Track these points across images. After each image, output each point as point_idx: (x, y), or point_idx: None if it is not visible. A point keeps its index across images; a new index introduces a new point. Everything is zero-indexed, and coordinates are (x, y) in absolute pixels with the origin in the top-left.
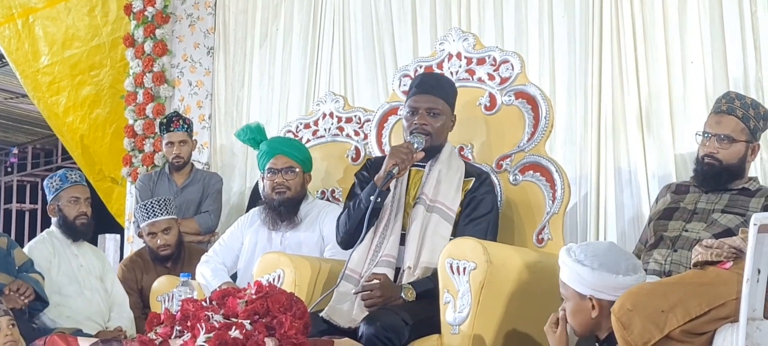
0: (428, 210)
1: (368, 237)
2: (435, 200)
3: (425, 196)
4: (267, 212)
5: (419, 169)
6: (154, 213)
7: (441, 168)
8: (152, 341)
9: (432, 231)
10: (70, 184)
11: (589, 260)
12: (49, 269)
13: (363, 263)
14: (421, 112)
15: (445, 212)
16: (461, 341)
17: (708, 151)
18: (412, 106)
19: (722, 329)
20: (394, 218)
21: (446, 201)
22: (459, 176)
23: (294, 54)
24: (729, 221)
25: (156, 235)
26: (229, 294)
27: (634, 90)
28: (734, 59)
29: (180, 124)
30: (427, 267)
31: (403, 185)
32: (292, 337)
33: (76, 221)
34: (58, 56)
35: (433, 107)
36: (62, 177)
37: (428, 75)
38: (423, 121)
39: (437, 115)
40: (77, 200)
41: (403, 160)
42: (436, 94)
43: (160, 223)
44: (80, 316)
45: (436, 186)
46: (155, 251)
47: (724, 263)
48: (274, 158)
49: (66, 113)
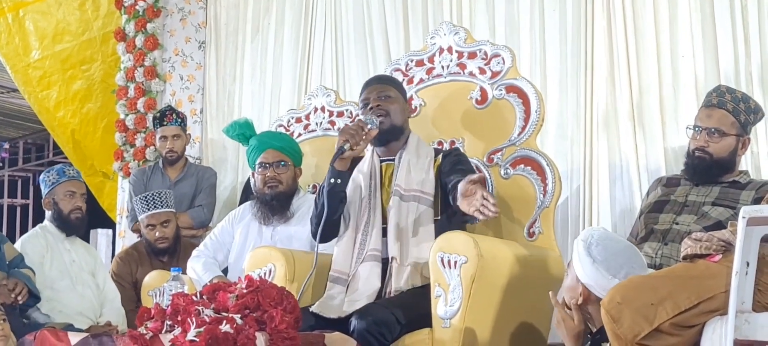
0: (404, 200)
1: (350, 235)
2: (409, 188)
3: (399, 187)
4: (259, 206)
5: (390, 163)
6: (154, 205)
7: (410, 157)
8: (143, 336)
9: (413, 219)
10: (67, 178)
11: (597, 251)
12: (41, 264)
13: (349, 262)
14: (372, 98)
15: (422, 197)
16: (452, 334)
17: (698, 144)
18: (363, 100)
19: (711, 322)
20: (373, 213)
21: (421, 186)
22: (428, 160)
23: (285, 48)
24: (719, 214)
25: (155, 227)
26: (220, 288)
27: (625, 84)
28: (725, 53)
29: (173, 119)
30: (417, 260)
31: (377, 180)
32: (282, 331)
33: (71, 214)
34: (49, 50)
35: (382, 91)
36: (60, 172)
37: (373, 76)
38: (376, 104)
39: (388, 97)
40: (73, 194)
41: (353, 136)
42: (382, 83)
43: (160, 215)
44: (72, 311)
45: (408, 175)
46: (153, 243)
47: (714, 256)
48: (264, 153)
49: (57, 108)
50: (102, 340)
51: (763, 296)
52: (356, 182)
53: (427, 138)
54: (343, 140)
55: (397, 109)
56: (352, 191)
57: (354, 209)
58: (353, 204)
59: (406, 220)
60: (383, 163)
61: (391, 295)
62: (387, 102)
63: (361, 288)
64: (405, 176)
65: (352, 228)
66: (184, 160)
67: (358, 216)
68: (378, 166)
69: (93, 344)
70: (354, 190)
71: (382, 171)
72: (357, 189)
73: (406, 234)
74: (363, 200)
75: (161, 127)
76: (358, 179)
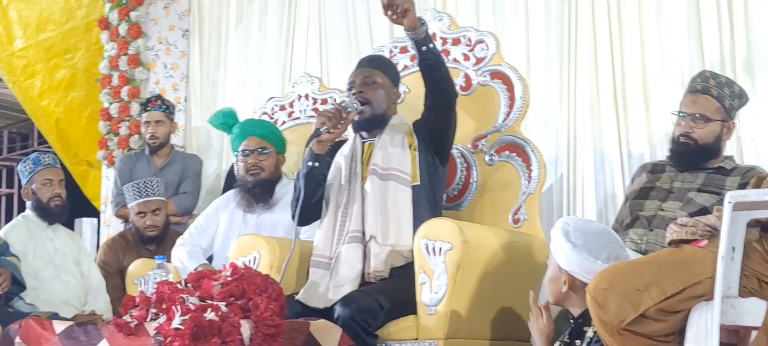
0: (382, 179)
1: (330, 218)
2: (387, 167)
3: (376, 166)
4: (242, 194)
5: (372, 143)
6: (145, 193)
7: (387, 136)
8: (128, 324)
9: (393, 200)
10: (43, 166)
11: (575, 236)
12: (25, 253)
13: (330, 245)
14: (357, 83)
15: (400, 176)
16: (437, 321)
17: (683, 130)
18: (350, 81)
19: (697, 308)
20: (353, 194)
21: (399, 166)
22: (402, 136)
23: (269, 36)
24: (705, 200)
25: (145, 214)
26: (205, 276)
27: (609, 70)
28: (710, 39)
29: (158, 105)
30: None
31: (358, 161)
32: (267, 319)
33: (50, 202)
34: (33, 39)
35: (368, 76)
36: (35, 160)
37: (367, 56)
38: (359, 89)
39: (373, 83)
40: (51, 182)
41: (330, 119)
42: (372, 66)
43: (150, 203)
44: (57, 300)
45: (385, 154)
46: (142, 231)
47: (699, 242)
48: (246, 140)
49: (41, 97)
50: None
51: (749, 282)
52: (337, 165)
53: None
54: (319, 123)
55: (381, 96)
56: (333, 174)
57: (334, 191)
58: (333, 187)
59: (385, 199)
60: (365, 143)
61: (371, 276)
62: (371, 88)
63: (345, 272)
64: (381, 155)
65: (331, 211)
66: (170, 148)
67: (338, 197)
68: (360, 147)
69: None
70: (335, 173)
71: (363, 151)
72: (338, 171)
73: (385, 213)
74: (343, 181)
75: (146, 113)
76: (339, 161)
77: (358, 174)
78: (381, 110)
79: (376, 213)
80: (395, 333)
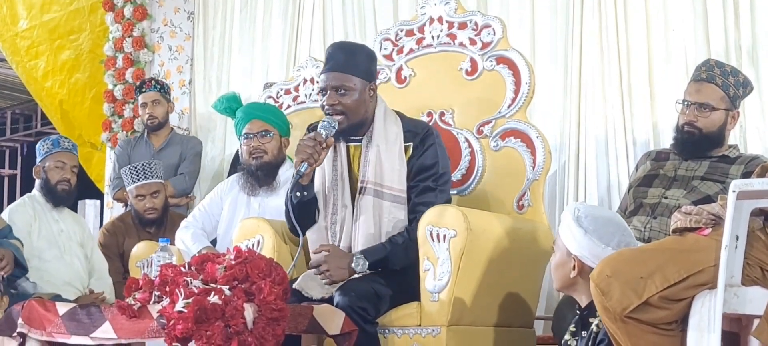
0: (377, 196)
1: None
2: (381, 184)
3: (369, 182)
4: (245, 177)
5: (357, 144)
6: (144, 175)
7: (378, 144)
8: (131, 306)
9: (387, 219)
10: (61, 149)
11: (587, 222)
12: (29, 234)
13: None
14: (330, 92)
15: (395, 196)
16: (441, 308)
17: (688, 119)
18: (321, 85)
19: (700, 296)
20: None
21: (393, 183)
22: (398, 147)
23: (274, 19)
24: (709, 188)
25: (144, 197)
26: (209, 259)
27: (614, 58)
28: (715, 27)
29: (152, 85)
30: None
31: (344, 164)
32: (271, 303)
33: (58, 185)
34: (37, 20)
35: (341, 85)
36: (55, 142)
37: (337, 49)
38: (332, 100)
39: (347, 92)
40: (63, 165)
41: (311, 155)
42: (344, 70)
43: (150, 185)
44: (60, 281)
45: (378, 168)
46: (141, 214)
47: (703, 230)
48: (249, 123)
49: (45, 78)
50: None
51: (752, 270)
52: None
53: (416, 109)
54: (299, 161)
55: (357, 101)
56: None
57: (320, 196)
58: (320, 195)
59: (380, 220)
60: (349, 144)
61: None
62: (344, 97)
63: None
64: (374, 169)
65: (322, 216)
66: (169, 129)
67: (325, 205)
68: (344, 151)
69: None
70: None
71: (349, 153)
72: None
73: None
74: (327, 184)
75: (141, 94)
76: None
77: (346, 181)
78: (359, 117)
79: (367, 236)
80: (398, 320)
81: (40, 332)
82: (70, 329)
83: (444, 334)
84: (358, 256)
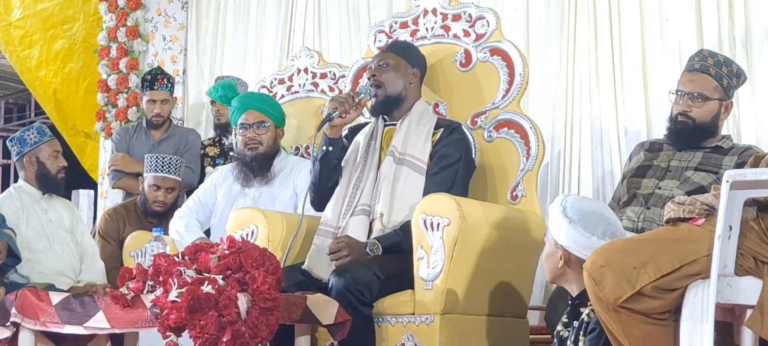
0: (398, 162)
1: (341, 189)
2: (404, 152)
3: (394, 148)
4: (240, 167)
5: (393, 127)
6: (168, 169)
7: (410, 123)
8: (124, 296)
9: (403, 183)
10: (49, 138)
11: (572, 212)
12: (17, 225)
13: (337, 216)
14: (374, 67)
15: (415, 163)
16: (434, 296)
17: (681, 109)
18: (369, 65)
19: (693, 286)
20: (368, 171)
21: (415, 152)
22: (428, 128)
23: (268, 9)
24: (702, 178)
25: (160, 189)
26: (202, 249)
27: (607, 48)
28: (708, 17)
29: (164, 83)
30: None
31: (378, 141)
32: (264, 292)
33: (58, 174)
34: (31, 9)
35: (383, 60)
36: (40, 131)
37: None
38: (372, 73)
39: (386, 66)
40: (58, 154)
41: (342, 104)
42: (389, 50)
43: (167, 180)
44: (51, 271)
45: (405, 139)
46: (150, 203)
47: (696, 220)
48: (245, 114)
49: (39, 67)
50: (83, 300)
51: (746, 260)
52: (356, 143)
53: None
54: (331, 108)
55: (393, 78)
56: (351, 150)
57: (349, 166)
58: (349, 162)
59: (397, 182)
60: (386, 127)
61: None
62: (384, 71)
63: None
64: (402, 139)
65: (343, 185)
66: (169, 122)
67: (352, 172)
68: (381, 129)
69: (74, 303)
70: (353, 149)
71: (383, 134)
72: (356, 148)
73: (394, 196)
74: (359, 158)
75: (151, 91)
76: (359, 139)
77: (376, 153)
78: (395, 91)
79: (386, 194)
80: (391, 308)
81: (34, 322)
82: (64, 319)
83: (437, 322)
84: (372, 241)
